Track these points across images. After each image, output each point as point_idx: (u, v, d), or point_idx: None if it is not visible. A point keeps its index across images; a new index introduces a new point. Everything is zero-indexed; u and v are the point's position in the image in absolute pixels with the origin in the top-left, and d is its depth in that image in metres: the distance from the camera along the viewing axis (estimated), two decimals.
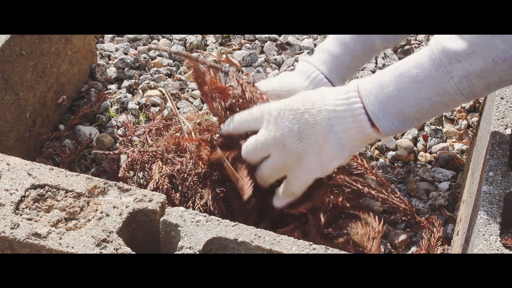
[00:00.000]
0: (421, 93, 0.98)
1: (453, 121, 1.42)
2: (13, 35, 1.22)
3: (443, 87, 0.96)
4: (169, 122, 1.31)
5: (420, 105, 0.99)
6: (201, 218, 0.97)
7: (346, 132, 1.03)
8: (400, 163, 1.35)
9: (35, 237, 0.93)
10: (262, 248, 0.94)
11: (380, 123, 1.01)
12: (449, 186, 1.30)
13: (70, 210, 0.98)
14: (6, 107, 1.24)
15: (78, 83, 1.47)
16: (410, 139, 1.39)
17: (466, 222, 1.08)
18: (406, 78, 0.98)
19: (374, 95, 1.00)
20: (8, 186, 1.00)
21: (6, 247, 0.94)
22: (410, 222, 1.25)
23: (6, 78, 1.22)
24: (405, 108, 0.99)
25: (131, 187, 1.01)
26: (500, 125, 1.07)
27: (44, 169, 1.03)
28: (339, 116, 1.02)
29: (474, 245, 0.92)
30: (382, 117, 1.00)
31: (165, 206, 0.99)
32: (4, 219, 0.95)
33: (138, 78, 1.52)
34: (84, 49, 1.46)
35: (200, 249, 0.93)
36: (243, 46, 1.61)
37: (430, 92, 0.97)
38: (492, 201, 0.96)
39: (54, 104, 1.39)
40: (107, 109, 1.44)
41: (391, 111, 1.00)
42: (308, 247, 0.94)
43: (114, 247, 0.93)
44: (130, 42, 1.60)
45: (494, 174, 1.00)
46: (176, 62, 1.57)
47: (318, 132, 1.03)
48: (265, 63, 1.58)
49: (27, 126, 1.31)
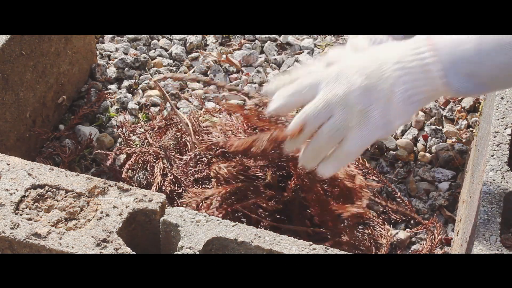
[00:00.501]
0: (501, 58, 0.89)
1: (453, 121, 1.42)
2: (13, 35, 1.22)
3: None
4: (170, 121, 1.32)
5: (497, 71, 0.91)
6: (201, 218, 0.97)
7: (413, 83, 0.93)
8: (400, 163, 1.35)
9: (35, 237, 0.93)
10: (262, 248, 0.94)
11: (451, 79, 0.92)
12: (449, 186, 1.30)
13: (70, 210, 0.98)
14: (6, 107, 1.24)
15: (78, 83, 1.47)
16: (410, 139, 1.39)
17: (466, 222, 1.08)
18: (489, 39, 0.90)
19: (448, 50, 0.92)
20: (8, 186, 1.00)
21: (6, 247, 0.94)
22: (410, 222, 1.25)
23: (6, 78, 1.22)
24: (480, 70, 0.91)
25: (131, 187, 1.01)
26: (500, 125, 1.07)
27: (44, 169, 1.03)
28: (406, 66, 0.93)
29: (474, 245, 0.92)
30: (454, 74, 0.91)
31: (165, 206, 0.99)
32: (4, 219, 0.95)
33: (138, 78, 1.52)
34: (84, 49, 1.46)
35: (200, 249, 0.93)
36: (243, 46, 1.61)
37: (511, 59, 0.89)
38: (492, 201, 0.96)
39: (54, 104, 1.39)
40: (107, 109, 1.44)
41: (465, 70, 0.91)
42: (308, 247, 0.94)
43: (114, 247, 0.93)
44: (130, 42, 1.60)
45: (494, 174, 1.00)
46: (176, 62, 1.57)
47: (383, 85, 0.94)
48: (265, 63, 1.58)
49: (27, 126, 1.31)
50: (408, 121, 0.96)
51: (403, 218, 1.24)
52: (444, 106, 1.44)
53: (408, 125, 1.41)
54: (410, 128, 1.40)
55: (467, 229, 1.04)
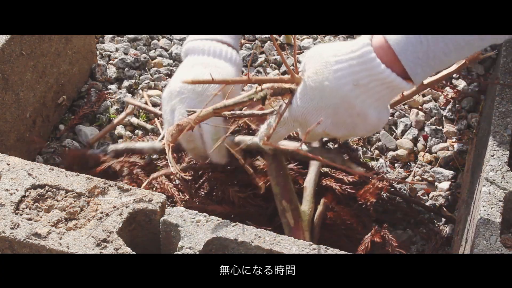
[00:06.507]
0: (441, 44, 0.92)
1: (453, 121, 1.42)
2: (13, 35, 1.22)
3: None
4: None
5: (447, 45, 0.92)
6: (201, 218, 0.97)
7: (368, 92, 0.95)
8: (400, 163, 1.35)
9: (35, 237, 0.93)
10: (262, 248, 0.94)
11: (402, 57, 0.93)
12: (449, 186, 1.30)
13: (70, 210, 0.98)
14: (6, 107, 1.24)
15: (78, 83, 1.47)
16: (410, 139, 1.39)
17: (466, 222, 1.08)
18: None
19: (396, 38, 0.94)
20: (8, 186, 1.00)
21: (6, 247, 0.94)
22: (410, 222, 1.25)
23: (6, 78, 1.22)
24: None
25: (131, 187, 1.01)
26: (500, 125, 1.07)
27: (44, 169, 1.03)
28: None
29: (474, 245, 0.92)
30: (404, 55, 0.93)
31: (165, 206, 0.99)
32: (4, 219, 0.95)
33: (138, 78, 1.52)
34: (84, 49, 1.46)
35: (200, 249, 0.93)
36: (243, 46, 1.61)
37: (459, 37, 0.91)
38: (492, 201, 0.96)
39: (54, 104, 1.39)
40: (107, 109, 1.44)
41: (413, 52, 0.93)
42: (308, 247, 0.94)
43: (114, 247, 0.93)
44: (130, 42, 1.60)
45: (494, 174, 1.00)
46: (176, 62, 1.57)
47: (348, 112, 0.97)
48: (265, 63, 1.58)
49: (27, 126, 1.31)
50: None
51: (403, 218, 1.24)
52: (444, 106, 1.44)
53: (408, 125, 1.41)
54: (410, 128, 1.40)
55: (467, 229, 1.04)
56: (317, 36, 1.64)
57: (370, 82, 0.94)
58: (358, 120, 0.97)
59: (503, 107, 1.10)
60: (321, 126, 0.98)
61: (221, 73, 1.17)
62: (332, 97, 0.96)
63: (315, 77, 0.97)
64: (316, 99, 0.97)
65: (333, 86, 0.95)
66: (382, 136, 1.39)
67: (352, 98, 0.95)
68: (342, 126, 0.98)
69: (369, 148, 1.38)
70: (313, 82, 0.97)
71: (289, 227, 1.09)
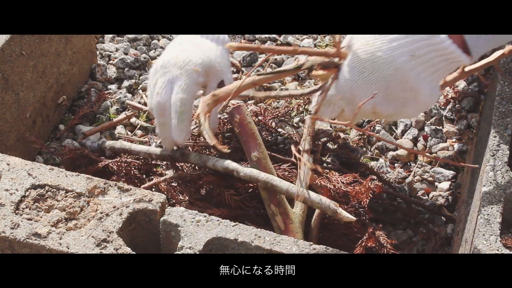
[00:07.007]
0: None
1: (453, 121, 1.42)
2: (13, 35, 1.22)
3: None
4: None
5: None
6: (201, 218, 0.97)
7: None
8: (400, 163, 1.35)
9: (35, 237, 0.93)
10: (262, 248, 0.94)
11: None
12: (449, 186, 1.30)
13: (70, 210, 0.98)
14: (6, 107, 1.24)
15: (78, 83, 1.47)
16: (410, 139, 1.39)
17: (466, 222, 1.08)
18: None
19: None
20: (8, 186, 1.00)
21: (6, 247, 0.94)
22: (410, 222, 1.25)
23: (6, 78, 1.22)
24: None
25: (131, 187, 1.01)
26: (500, 125, 1.07)
27: (44, 169, 1.03)
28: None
29: (474, 245, 0.92)
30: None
31: (165, 206, 0.99)
32: (4, 219, 0.95)
33: (138, 78, 1.52)
34: (84, 49, 1.46)
35: (200, 249, 0.93)
36: None
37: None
38: (492, 201, 0.96)
39: (54, 104, 1.39)
40: (107, 109, 1.44)
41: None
42: (308, 247, 0.94)
43: (114, 247, 0.93)
44: (130, 42, 1.60)
45: (494, 174, 1.00)
46: None
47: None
48: (265, 63, 1.58)
49: (27, 126, 1.31)
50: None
51: (403, 218, 1.24)
52: (444, 106, 1.44)
53: (408, 125, 1.41)
54: (410, 128, 1.40)
55: (467, 229, 1.04)
56: (317, 36, 1.64)
57: (428, 53, 0.91)
58: (409, 95, 0.93)
59: (503, 107, 1.10)
60: (371, 101, 0.92)
61: (207, 51, 1.17)
62: (385, 69, 0.91)
63: (366, 48, 0.93)
64: (366, 71, 0.93)
65: (387, 57, 0.91)
66: (382, 136, 1.39)
67: (406, 70, 0.91)
68: (392, 102, 0.94)
69: (369, 148, 1.38)
70: (364, 54, 0.93)
71: (280, 230, 1.09)
